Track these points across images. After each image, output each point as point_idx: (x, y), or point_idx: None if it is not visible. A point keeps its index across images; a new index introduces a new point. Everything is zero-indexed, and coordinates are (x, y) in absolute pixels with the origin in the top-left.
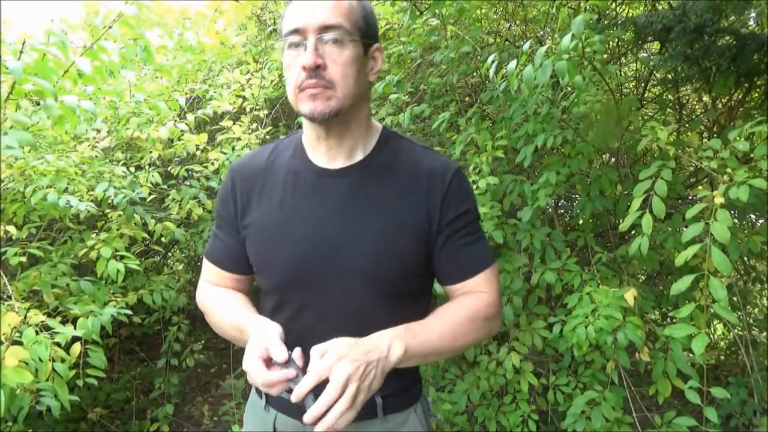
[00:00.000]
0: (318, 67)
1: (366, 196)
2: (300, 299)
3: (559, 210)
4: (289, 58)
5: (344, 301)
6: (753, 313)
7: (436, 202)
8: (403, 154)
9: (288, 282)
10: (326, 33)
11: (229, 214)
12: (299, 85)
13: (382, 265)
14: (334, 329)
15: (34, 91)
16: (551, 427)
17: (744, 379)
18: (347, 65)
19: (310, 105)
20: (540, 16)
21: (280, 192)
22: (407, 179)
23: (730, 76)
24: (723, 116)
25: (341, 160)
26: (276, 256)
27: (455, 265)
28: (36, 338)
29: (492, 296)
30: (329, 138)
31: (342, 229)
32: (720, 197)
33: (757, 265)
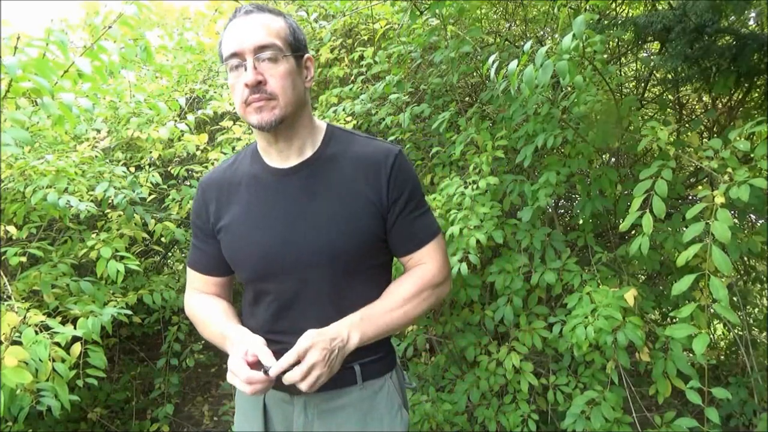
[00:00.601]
0: (259, 83)
1: (320, 186)
2: (276, 285)
3: (559, 210)
4: (232, 79)
5: (317, 280)
6: (753, 313)
7: (381, 184)
8: (349, 146)
9: (262, 272)
10: (262, 52)
11: (203, 223)
12: (245, 100)
13: (344, 243)
14: (311, 305)
15: (32, 89)
16: (551, 427)
17: (744, 379)
18: (284, 77)
19: (257, 116)
20: (540, 16)
21: (245, 195)
22: (354, 167)
23: (730, 76)
24: (723, 116)
25: (293, 158)
26: (248, 251)
27: (404, 239)
28: (35, 338)
29: (437, 264)
30: (278, 142)
31: (303, 218)
32: (720, 197)
33: (757, 265)
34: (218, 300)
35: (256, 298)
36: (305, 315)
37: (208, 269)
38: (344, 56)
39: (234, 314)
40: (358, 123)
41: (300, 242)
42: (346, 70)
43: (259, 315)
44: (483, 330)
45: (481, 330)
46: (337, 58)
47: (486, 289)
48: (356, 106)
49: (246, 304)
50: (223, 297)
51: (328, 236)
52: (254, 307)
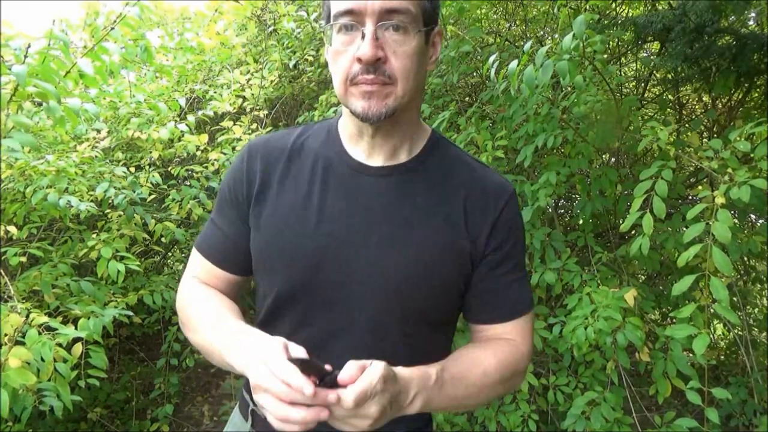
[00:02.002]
0: (378, 60)
1: (406, 202)
2: (305, 311)
3: (559, 210)
4: (338, 44)
5: (358, 320)
6: (753, 313)
7: (485, 224)
8: (455, 163)
9: (295, 288)
10: (389, 19)
11: (238, 196)
12: (351, 78)
13: (412, 285)
14: (348, 352)
15: (37, 93)
16: (551, 427)
17: (744, 379)
18: (410, 58)
19: (364, 104)
20: (540, 16)
21: (306, 180)
22: (455, 191)
23: (730, 76)
24: (723, 116)
25: (382, 158)
26: (288, 255)
27: (490, 303)
28: (40, 339)
29: (527, 348)
30: (375, 136)
31: (372, 234)
32: (721, 197)
33: (757, 265)
34: (221, 296)
35: (275, 319)
36: (339, 360)
37: (224, 259)
38: None
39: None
40: None
41: (361, 264)
42: None
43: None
44: None
45: None
46: None
47: None
48: None
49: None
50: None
51: (398, 267)
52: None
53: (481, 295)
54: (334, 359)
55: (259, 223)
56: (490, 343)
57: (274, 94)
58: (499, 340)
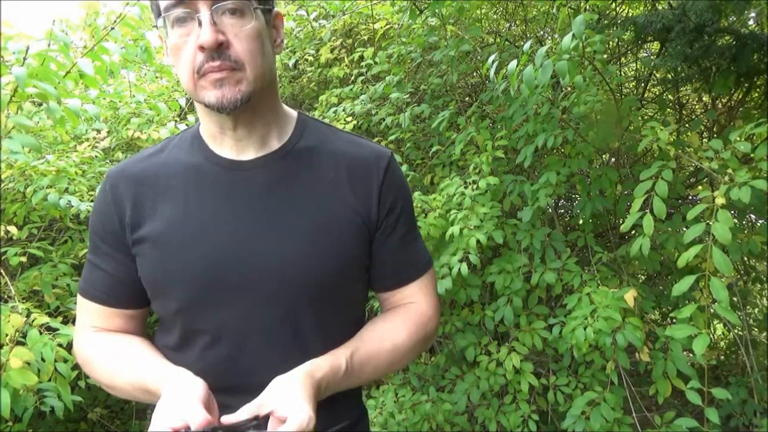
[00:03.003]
0: (220, 45)
1: (288, 189)
2: (215, 322)
3: (559, 210)
4: (175, 37)
5: (270, 318)
6: (753, 313)
7: (372, 192)
8: (328, 141)
9: (200, 301)
10: (221, 2)
11: (112, 231)
12: (198, 69)
13: (315, 271)
14: (269, 350)
15: (37, 94)
16: (551, 427)
17: (744, 379)
18: (253, 40)
19: (217, 92)
20: (540, 16)
21: (182, 193)
22: (334, 168)
23: (730, 76)
24: (723, 116)
25: (252, 150)
26: (183, 269)
27: (394, 268)
28: (41, 339)
29: (432, 303)
30: (237, 128)
31: (262, 229)
32: (721, 198)
33: (757, 265)
34: (132, 337)
35: (186, 340)
36: (263, 365)
37: (114, 298)
38: (344, 56)
39: (159, 353)
40: (358, 123)
41: (261, 259)
42: (346, 71)
43: (190, 364)
44: (483, 330)
45: (481, 330)
46: (337, 58)
47: (486, 289)
48: (356, 106)
49: (166, 351)
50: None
51: (299, 254)
52: (181, 353)
53: (384, 262)
54: (254, 362)
55: (142, 250)
56: (398, 313)
57: None
58: (405, 306)
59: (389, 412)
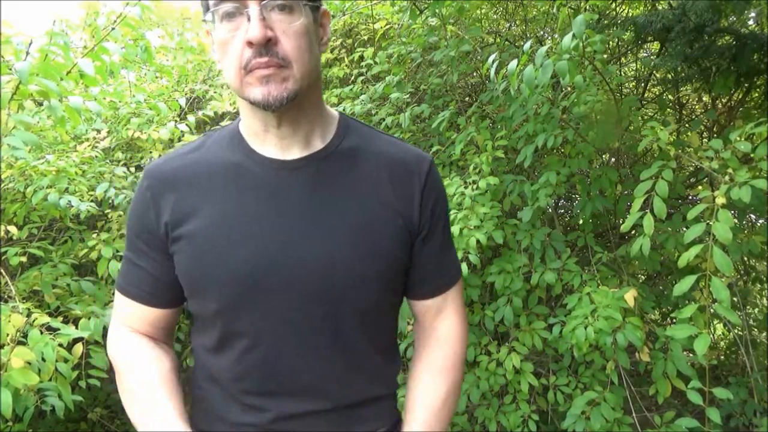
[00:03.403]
0: (269, 41)
1: (331, 189)
2: (256, 324)
3: (559, 210)
4: (223, 32)
5: (312, 321)
6: (753, 313)
7: (414, 196)
8: (370, 143)
9: (241, 302)
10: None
11: (149, 230)
12: (245, 65)
13: (362, 274)
14: (311, 354)
15: (38, 91)
16: (551, 427)
17: (744, 379)
18: (301, 37)
19: (263, 89)
20: (540, 16)
21: (221, 192)
22: (377, 171)
23: (730, 76)
24: (723, 116)
25: (296, 150)
26: (225, 268)
27: (431, 274)
28: (42, 339)
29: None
30: (282, 126)
31: (306, 230)
32: (721, 197)
33: (757, 265)
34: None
35: (224, 342)
36: (302, 367)
37: (150, 296)
38: (344, 56)
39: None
40: None
41: (305, 260)
42: (346, 71)
43: (228, 367)
44: (483, 330)
45: (481, 330)
46: (337, 58)
47: (486, 289)
48: (356, 106)
49: (202, 351)
50: (162, 341)
51: (343, 255)
52: (218, 356)
53: (424, 266)
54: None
55: (181, 248)
56: (434, 361)
57: None
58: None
59: None
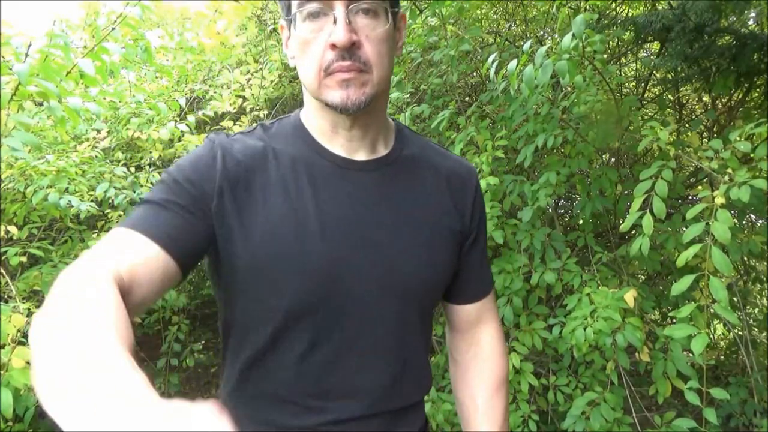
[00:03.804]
0: (352, 45)
1: (399, 194)
2: (320, 326)
3: (559, 210)
4: (306, 32)
5: (379, 326)
6: (753, 313)
7: (467, 207)
8: (425, 152)
9: (313, 301)
10: (358, 1)
11: (203, 191)
12: (326, 67)
13: (429, 281)
14: (372, 356)
15: (38, 92)
16: (551, 427)
17: (744, 379)
18: (384, 42)
19: (342, 93)
20: (540, 16)
21: (292, 183)
22: (436, 179)
23: (730, 76)
24: (723, 116)
25: (363, 153)
26: (301, 264)
27: (473, 281)
28: None
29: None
30: (353, 129)
31: (381, 234)
32: (721, 197)
33: (757, 265)
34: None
35: (283, 341)
36: (364, 369)
37: (172, 240)
38: None
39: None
40: None
41: (380, 262)
42: None
43: (282, 368)
44: None
45: None
46: None
47: None
48: None
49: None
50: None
51: (415, 261)
52: (273, 355)
53: (470, 271)
54: (356, 367)
55: (247, 232)
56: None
57: (274, 94)
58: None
59: None
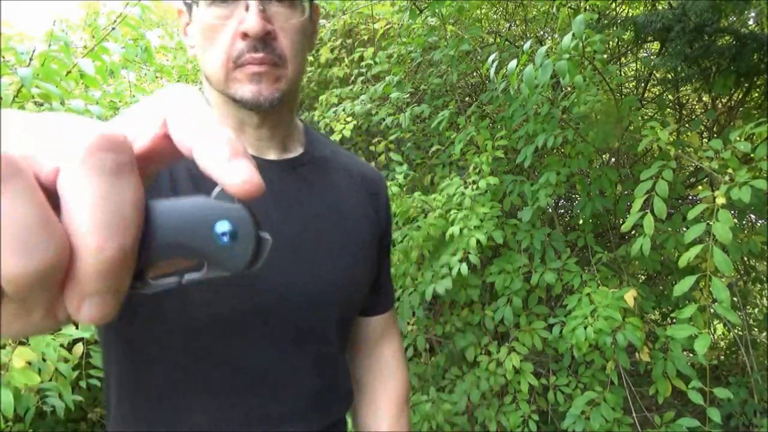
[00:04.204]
0: (267, 35)
1: (321, 197)
2: (237, 344)
3: (559, 210)
4: (212, 17)
5: (300, 337)
6: (753, 313)
7: (382, 213)
8: (336, 153)
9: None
10: None
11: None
12: (235, 58)
13: (352, 286)
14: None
15: (40, 94)
16: (551, 427)
17: (744, 379)
18: (299, 33)
19: (254, 88)
20: (540, 16)
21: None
22: (352, 183)
23: (730, 76)
24: (723, 116)
25: (273, 153)
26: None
27: (383, 290)
28: (44, 339)
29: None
30: (262, 127)
31: (299, 239)
32: (721, 198)
33: (757, 265)
34: None
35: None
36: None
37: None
38: (344, 56)
39: None
40: (358, 123)
41: (310, 272)
42: (346, 70)
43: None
44: (483, 330)
45: (481, 330)
46: (337, 58)
47: (486, 289)
48: (356, 106)
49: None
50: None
51: (348, 270)
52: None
53: (384, 280)
54: (278, 386)
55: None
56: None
57: None
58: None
59: None
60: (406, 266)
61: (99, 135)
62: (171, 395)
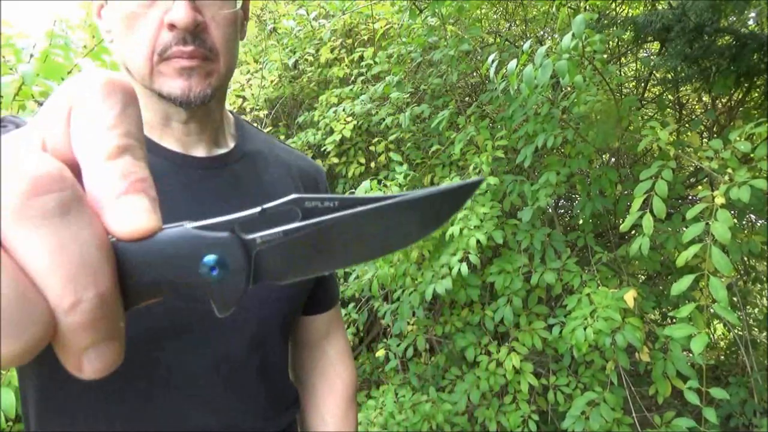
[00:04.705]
0: (197, 26)
1: (254, 195)
2: (174, 351)
3: (559, 210)
4: (133, 3)
5: (238, 346)
6: (753, 313)
7: None
8: (270, 146)
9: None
10: None
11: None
12: (161, 51)
13: (295, 291)
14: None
15: (41, 92)
16: (551, 427)
17: (744, 379)
18: (232, 25)
19: (183, 83)
20: (540, 16)
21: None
22: (290, 178)
23: (730, 76)
24: (723, 116)
25: (202, 149)
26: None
27: (326, 289)
28: None
29: (347, 343)
30: (190, 122)
31: None
32: (721, 197)
33: (757, 265)
34: None
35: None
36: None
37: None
38: (344, 56)
39: None
40: (358, 123)
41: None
42: (346, 70)
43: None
44: (483, 330)
45: (481, 330)
46: (337, 58)
47: (486, 289)
48: (356, 106)
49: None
50: None
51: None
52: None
53: (329, 278)
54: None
55: None
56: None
57: (274, 94)
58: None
59: (389, 412)
60: (406, 266)
61: (31, 177)
62: (88, 409)
